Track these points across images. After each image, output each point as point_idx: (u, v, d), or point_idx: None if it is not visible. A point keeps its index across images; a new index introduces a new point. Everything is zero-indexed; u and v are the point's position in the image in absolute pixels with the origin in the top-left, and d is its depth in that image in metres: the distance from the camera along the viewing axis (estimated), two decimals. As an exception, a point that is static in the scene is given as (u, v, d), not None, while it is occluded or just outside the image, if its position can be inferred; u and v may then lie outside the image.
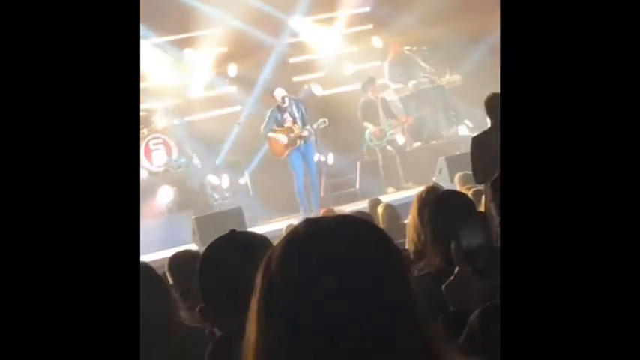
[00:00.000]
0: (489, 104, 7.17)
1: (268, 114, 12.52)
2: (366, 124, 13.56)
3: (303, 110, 12.53)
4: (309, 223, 1.40)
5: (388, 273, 1.35)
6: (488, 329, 2.16)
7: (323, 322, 1.30)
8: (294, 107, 12.46)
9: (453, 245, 2.24)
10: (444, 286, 2.28)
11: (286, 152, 12.46)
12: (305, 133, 12.36)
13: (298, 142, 12.37)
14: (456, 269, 2.27)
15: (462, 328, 2.23)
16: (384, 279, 1.34)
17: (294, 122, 12.38)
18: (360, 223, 1.41)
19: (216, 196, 13.02)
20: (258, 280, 1.38)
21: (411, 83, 14.36)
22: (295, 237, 1.38)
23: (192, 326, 2.98)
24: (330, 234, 1.37)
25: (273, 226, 11.23)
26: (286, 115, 12.43)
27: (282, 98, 12.35)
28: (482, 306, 2.23)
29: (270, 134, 12.49)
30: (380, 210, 8.44)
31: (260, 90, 13.91)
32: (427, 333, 1.35)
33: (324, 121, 12.43)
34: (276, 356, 1.32)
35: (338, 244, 1.35)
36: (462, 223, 2.28)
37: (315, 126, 12.38)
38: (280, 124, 12.44)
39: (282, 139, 12.41)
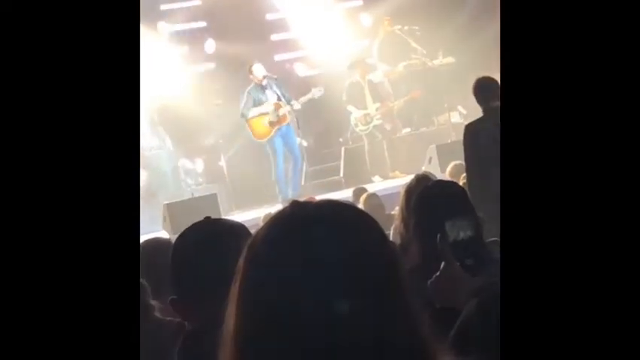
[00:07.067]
0: (477, 90, 6.99)
1: (246, 93, 12.33)
2: (349, 107, 13.41)
3: (283, 90, 12.37)
4: (296, 205, 1.40)
5: (379, 261, 1.35)
6: (484, 323, 2.15)
7: (310, 308, 1.29)
8: (274, 86, 12.32)
9: (438, 239, 2.21)
10: (429, 282, 2.25)
11: (272, 132, 12.26)
12: (297, 106, 12.16)
13: (284, 120, 12.19)
14: (442, 265, 2.23)
15: (449, 328, 2.22)
16: (375, 267, 1.34)
17: (279, 99, 12.23)
18: (351, 208, 1.42)
19: (190, 182, 13.00)
20: (240, 263, 1.36)
21: (401, 65, 14.29)
22: (282, 219, 1.38)
23: (165, 319, 3.00)
24: (319, 217, 1.36)
25: (250, 215, 11.22)
26: (268, 93, 12.28)
27: (263, 76, 12.25)
28: (478, 298, 2.19)
29: (252, 115, 12.30)
30: (362, 200, 8.45)
31: (239, 68, 13.81)
32: (419, 327, 1.36)
33: (320, 90, 12.13)
34: (258, 344, 1.31)
35: (326, 227, 1.35)
36: (449, 215, 2.24)
37: (310, 95, 12.14)
38: (261, 104, 12.28)
39: (266, 119, 12.21)
